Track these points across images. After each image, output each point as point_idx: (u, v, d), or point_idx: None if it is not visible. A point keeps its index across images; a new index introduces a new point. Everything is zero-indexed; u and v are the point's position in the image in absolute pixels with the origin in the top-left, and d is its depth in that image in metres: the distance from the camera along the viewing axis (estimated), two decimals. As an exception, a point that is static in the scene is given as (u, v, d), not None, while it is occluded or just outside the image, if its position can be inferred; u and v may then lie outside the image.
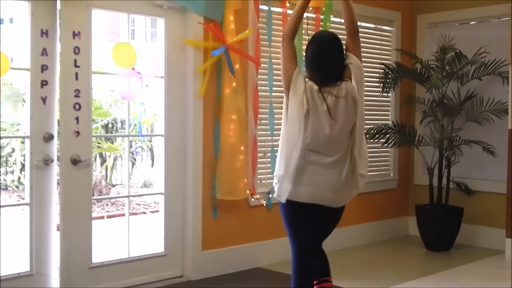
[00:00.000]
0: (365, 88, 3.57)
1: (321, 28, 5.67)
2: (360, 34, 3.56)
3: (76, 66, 4.32)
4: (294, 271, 3.56)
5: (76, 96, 4.34)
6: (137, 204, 9.20)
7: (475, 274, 5.33)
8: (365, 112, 3.55)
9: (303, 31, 5.39)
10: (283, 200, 3.46)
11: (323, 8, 5.71)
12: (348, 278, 5.04)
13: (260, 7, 5.33)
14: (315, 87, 3.37)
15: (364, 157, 3.48)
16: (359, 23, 3.57)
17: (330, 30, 5.51)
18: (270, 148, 5.46)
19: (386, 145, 6.29)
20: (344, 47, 3.50)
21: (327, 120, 3.35)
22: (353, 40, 3.51)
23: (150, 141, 10.15)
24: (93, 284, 4.50)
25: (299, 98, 3.36)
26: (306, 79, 3.41)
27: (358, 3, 5.07)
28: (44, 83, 4.22)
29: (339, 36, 3.50)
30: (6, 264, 4.20)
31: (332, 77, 3.41)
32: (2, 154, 8.60)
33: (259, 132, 5.41)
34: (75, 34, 4.32)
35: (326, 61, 3.41)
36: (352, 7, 3.51)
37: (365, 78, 3.57)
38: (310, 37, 3.56)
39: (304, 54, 3.58)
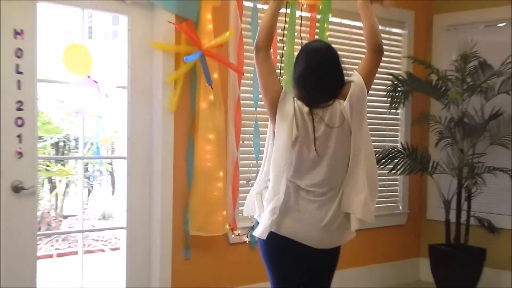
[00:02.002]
0: (369, 104, 3.58)
1: (316, 35, 5.65)
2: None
3: (18, 72, 4.28)
4: None
5: (19, 109, 4.29)
6: (93, 240, 9.14)
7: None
8: (370, 132, 3.56)
9: (295, 34, 5.40)
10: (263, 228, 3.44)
11: (320, 6, 5.71)
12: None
13: (244, 3, 5.35)
14: (305, 108, 3.37)
15: (371, 185, 3.48)
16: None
17: (328, 35, 5.53)
18: (254, 174, 5.44)
19: (393, 172, 6.30)
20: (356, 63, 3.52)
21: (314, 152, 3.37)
22: (372, 57, 3.52)
23: (111, 164, 10.11)
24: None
25: (287, 124, 3.35)
26: (295, 98, 3.41)
27: None
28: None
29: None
30: None
31: (324, 96, 3.39)
32: None
33: (241, 155, 5.41)
34: (16, 33, 4.27)
35: (317, 79, 3.39)
36: (371, 12, 3.51)
37: (370, 92, 3.59)
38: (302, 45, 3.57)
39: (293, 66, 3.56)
